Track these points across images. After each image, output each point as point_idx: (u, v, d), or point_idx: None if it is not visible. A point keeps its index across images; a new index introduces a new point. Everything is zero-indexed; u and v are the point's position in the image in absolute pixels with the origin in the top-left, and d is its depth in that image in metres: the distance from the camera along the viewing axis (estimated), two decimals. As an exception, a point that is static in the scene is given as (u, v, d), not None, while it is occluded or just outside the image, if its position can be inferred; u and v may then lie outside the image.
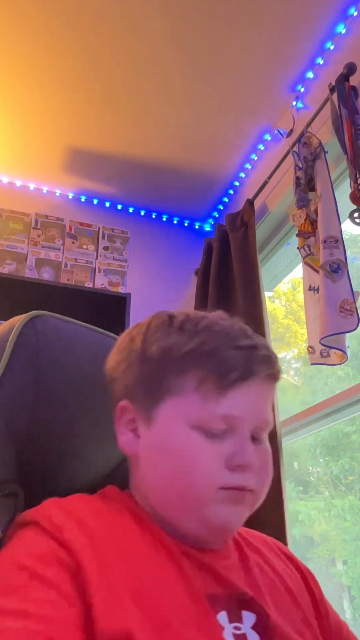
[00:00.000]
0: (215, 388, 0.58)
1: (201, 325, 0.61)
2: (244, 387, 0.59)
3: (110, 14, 1.70)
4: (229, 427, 0.58)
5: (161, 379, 0.60)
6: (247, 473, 0.58)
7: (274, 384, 0.63)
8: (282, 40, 1.78)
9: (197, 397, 0.58)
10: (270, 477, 0.62)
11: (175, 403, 0.59)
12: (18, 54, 1.84)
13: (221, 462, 0.57)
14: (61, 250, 2.23)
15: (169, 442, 0.59)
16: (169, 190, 2.48)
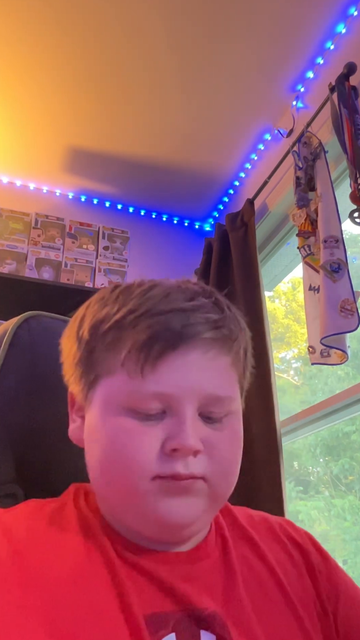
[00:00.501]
0: (141, 362, 0.49)
1: (137, 292, 0.53)
2: (177, 357, 0.49)
3: (110, 15, 1.70)
4: (166, 407, 0.49)
5: (93, 358, 0.53)
6: (187, 458, 0.49)
7: (223, 349, 0.52)
8: (282, 40, 1.78)
9: (124, 374, 0.50)
10: (234, 463, 0.53)
11: (106, 384, 0.52)
12: (18, 54, 1.84)
13: (156, 447, 0.49)
14: (61, 250, 2.23)
15: (97, 428, 0.52)
16: (169, 190, 2.48)
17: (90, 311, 0.55)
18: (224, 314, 0.53)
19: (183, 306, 0.51)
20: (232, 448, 0.53)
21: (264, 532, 0.61)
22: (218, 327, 0.52)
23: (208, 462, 0.50)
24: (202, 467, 0.50)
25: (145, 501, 0.49)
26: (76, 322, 0.57)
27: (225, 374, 0.53)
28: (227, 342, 0.53)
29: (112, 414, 0.51)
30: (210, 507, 0.52)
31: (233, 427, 0.53)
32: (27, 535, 0.50)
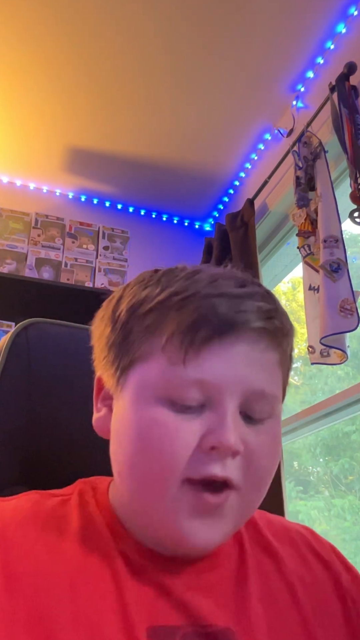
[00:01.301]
0: (184, 346, 0.44)
1: (182, 275, 0.48)
2: (224, 345, 0.45)
3: (109, 15, 1.70)
4: (206, 399, 0.45)
5: (129, 341, 0.48)
6: (225, 460, 0.44)
7: (273, 343, 0.47)
8: (282, 40, 1.78)
9: (164, 359, 0.45)
10: (270, 474, 0.48)
11: (142, 369, 0.47)
12: (18, 55, 1.84)
13: (192, 443, 0.44)
14: (61, 249, 2.23)
15: (128, 418, 0.47)
16: (169, 189, 2.48)
17: (128, 292, 0.50)
18: (275, 305, 0.48)
19: (233, 292, 0.46)
20: (272, 455, 0.48)
21: (284, 540, 0.56)
22: (270, 317, 0.47)
23: (244, 469, 0.45)
24: (239, 473, 0.45)
25: (171, 515, 0.44)
26: (112, 303, 0.52)
27: (273, 370, 0.48)
28: (277, 335, 0.48)
29: (147, 403, 0.46)
30: (236, 527, 0.48)
31: (275, 433, 0.48)
32: (22, 535, 0.46)
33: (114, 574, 0.45)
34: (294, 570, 0.52)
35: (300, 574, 0.52)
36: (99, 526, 0.49)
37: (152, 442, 0.45)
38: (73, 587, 0.43)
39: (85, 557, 0.46)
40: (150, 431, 0.45)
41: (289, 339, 0.50)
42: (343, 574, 0.55)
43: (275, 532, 0.56)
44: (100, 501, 0.51)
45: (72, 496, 0.52)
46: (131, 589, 0.44)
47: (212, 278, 0.47)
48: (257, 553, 0.53)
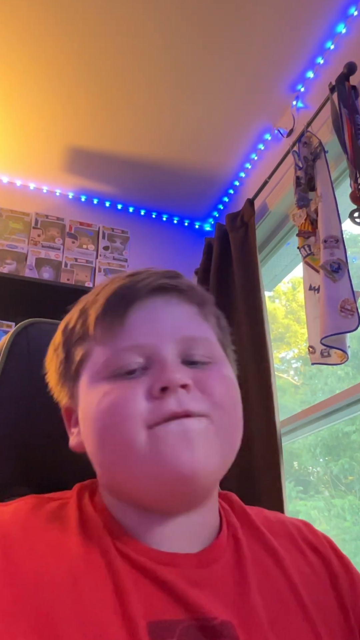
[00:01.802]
0: (107, 324, 0.51)
1: (91, 290, 0.56)
2: (141, 308, 0.51)
3: (110, 15, 1.70)
4: (146, 360, 0.49)
5: (70, 355, 0.54)
6: (179, 395, 0.46)
7: (184, 297, 0.53)
8: (282, 40, 1.78)
9: (99, 347, 0.51)
10: (232, 401, 0.51)
11: (86, 368, 0.52)
12: (18, 55, 1.84)
13: (144, 396, 0.47)
14: (61, 249, 2.23)
15: (87, 406, 0.51)
16: (169, 190, 2.48)
17: (60, 325, 0.58)
18: (173, 270, 0.55)
19: (134, 272, 0.54)
20: (226, 386, 0.51)
21: (281, 534, 0.57)
22: (171, 277, 0.53)
23: (204, 399, 0.48)
24: (198, 403, 0.47)
25: (148, 452, 0.45)
26: (52, 342, 0.59)
27: (195, 318, 0.54)
28: (184, 289, 0.54)
29: (95, 387, 0.50)
30: (221, 455, 0.48)
31: (222, 372, 0.52)
32: (24, 535, 0.47)
33: (114, 570, 0.46)
34: (292, 563, 0.53)
35: (297, 566, 0.53)
36: (97, 525, 0.49)
37: (108, 408, 0.47)
38: (75, 584, 0.44)
39: (85, 554, 0.47)
40: (103, 405, 0.48)
41: (199, 295, 0.55)
42: (334, 560, 0.56)
43: (271, 526, 0.57)
44: (96, 502, 0.52)
45: (71, 499, 0.53)
46: (131, 585, 0.45)
47: (119, 274, 0.55)
48: (255, 546, 0.53)
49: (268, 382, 1.76)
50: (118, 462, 0.48)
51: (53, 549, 0.47)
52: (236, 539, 0.53)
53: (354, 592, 0.54)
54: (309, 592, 0.51)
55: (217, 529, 0.53)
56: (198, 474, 0.46)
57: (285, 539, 0.56)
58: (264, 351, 1.80)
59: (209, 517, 0.53)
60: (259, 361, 1.80)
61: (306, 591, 0.51)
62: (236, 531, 0.54)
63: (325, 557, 0.56)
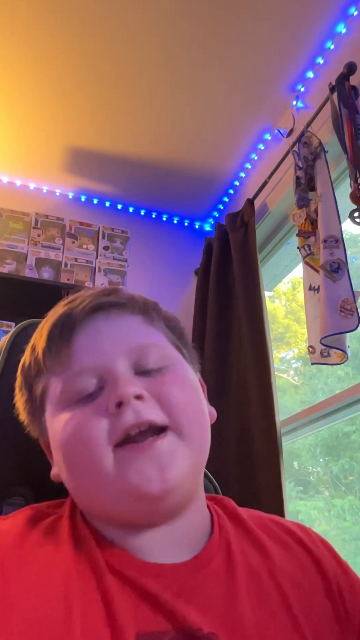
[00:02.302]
0: (54, 355, 0.52)
1: (45, 318, 0.57)
2: (83, 332, 0.52)
3: (109, 15, 1.70)
4: (99, 380, 0.50)
5: (32, 391, 0.55)
6: (134, 406, 0.46)
7: (123, 310, 0.54)
8: (282, 40, 1.78)
9: (53, 377, 0.52)
10: (192, 405, 0.51)
11: (48, 400, 0.53)
12: (18, 55, 1.84)
13: (101, 416, 0.47)
14: (61, 249, 2.23)
15: (53, 436, 0.51)
16: (169, 190, 2.48)
17: (19, 367, 0.59)
18: (112, 287, 0.56)
19: (71, 298, 0.55)
20: (184, 390, 0.51)
21: (275, 537, 0.56)
22: (107, 294, 0.54)
23: (162, 408, 0.48)
24: (156, 412, 0.47)
25: (116, 475, 0.45)
26: (16, 386, 0.59)
27: (140, 327, 0.54)
28: (123, 303, 0.54)
29: (57, 415, 0.51)
30: (191, 460, 0.48)
31: (178, 373, 0.52)
32: (19, 552, 0.47)
33: (103, 583, 0.46)
34: (284, 568, 0.52)
35: (290, 572, 0.52)
36: (86, 539, 0.50)
37: (72, 437, 0.48)
38: (66, 598, 0.44)
39: (76, 568, 0.47)
40: (66, 431, 0.49)
41: (140, 303, 0.55)
42: (334, 569, 0.55)
43: (265, 528, 0.57)
44: (87, 518, 0.53)
45: (65, 513, 0.53)
46: (119, 597, 0.45)
47: (59, 303, 0.56)
48: (246, 550, 0.53)
49: (268, 382, 1.76)
50: (87, 485, 0.48)
51: (47, 563, 0.47)
52: (228, 543, 0.53)
53: (353, 596, 0.53)
54: (299, 601, 0.50)
55: (209, 533, 0.53)
56: (168, 491, 0.46)
57: (278, 543, 0.55)
58: (264, 351, 1.80)
59: (195, 520, 0.52)
60: (259, 361, 1.80)
61: (297, 600, 0.50)
62: (228, 535, 0.54)
63: (320, 561, 0.55)
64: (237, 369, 1.94)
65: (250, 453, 1.74)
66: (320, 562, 0.55)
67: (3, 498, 0.69)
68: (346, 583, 0.54)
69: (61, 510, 0.54)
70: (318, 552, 0.56)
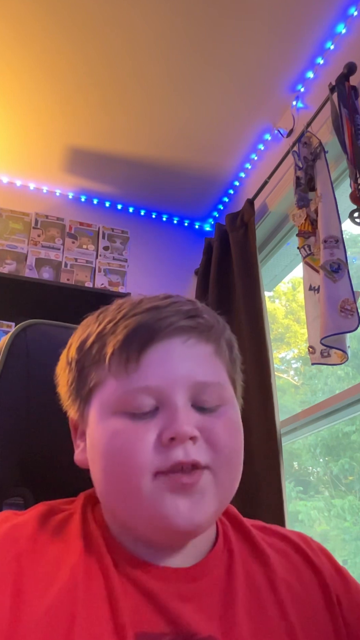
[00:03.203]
0: (123, 361, 0.51)
1: (113, 307, 0.56)
2: (157, 350, 0.51)
3: (109, 15, 1.70)
4: (157, 402, 0.50)
5: (83, 376, 0.54)
6: (186, 446, 0.47)
7: (201, 337, 0.53)
8: (282, 40, 1.78)
9: (112, 379, 0.51)
10: (235, 451, 0.51)
11: (99, 394, 0.52)
12: (18, 56, 1.84)
13: (152, 441, 0.48)
14: (61, 250, 2.23)
15: (96, 438, 0.52)
16: (169, 190, 2.48)
17: (75, 336, 0.57)
18: (195, 306, 0.55)
19: (155, 304, 0.53)
20: (231, 435, 0.52)
21: (277, 547, 0.58)
22: (191, 316, 0.53)
23: (208, 450, 0.49)
24: (203, 454, 0.48)
25: (150, 501, 0.47)
26: (65, 352, 0.58)
27: (210, 361, 0.53)
28: (204, 330, 0.53)
29: (107, 419, 0.51)
30: (219, 506, 0.50)
31: (229, 416, 0.52)
32: (33, 547, 0.50)
33: (108, 581, 0.48)
34: (285, 580, 0.54)
35: (290, 584, 0.54)
36: (96, 540, 0.51)
37: (117, 449, 0.49)
38: (73, 593, 0.46)
39: (84, 565, 0.49)
40: (113, 441, 0.49)
41: (217, 330, 0.55)
42: (333, 578, 0.56)
43: (268, 539, 0.58)
44: (97, 517, 0.54)
45: (76, 512, 0.55)
46: (122, 597, 0.47)
47: (138, 300, 0.55)
48: (247, 560, 0.55)
49: (268, 382, 1.76)
50: (120, 501, 0.50)
51: (57, 560, 0.49)
52: (230, 552, 0.54)
53: (349, 598, 0.55)
54: (297, 610, 0.52)
55: (213, 540, 0.55)
56: (194, 526, 0.48)
57: (279, 553, 0.57)
58: (264, 351, 1.80)
59: (204, 538, 0.54)
60: (258, 361, 1.80)
61: (294, 609, 0.52)
62: (231, 544, 0.55)
63: (322, 573, 0.56)
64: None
65: (250, 453, 1.74)
66: (321, 572, 0.56)
67: (2, 498, 0.69)
68: (343, 590, 0.56)
69: (73, 506, 0.56)
70: (319, 562, 0.57)
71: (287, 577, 0.54)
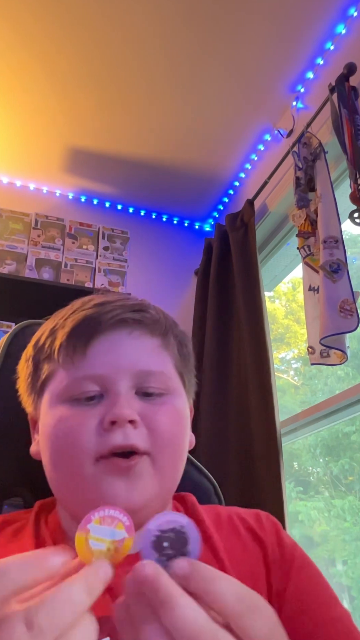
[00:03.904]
0: (70, 352, 0.54)
1: (71, 304, 0.59)
2: (102, 340, 0.54)
3: (109, 15, 1.70)
4: (102, 389, 0.53)
5: (38, 369, 0.58)
6: (125, 429, 0.50)
7: (146, 330, 0.56)
8: (282, 40, 1.78)
9: (62, 370, 0.54)
10: (176, 437, 0.54)
11: (49, 386, 0.56)
12: (18, 55, 1.84)
13: (95, 425, 0.51)
14: (61, 250, 2.23)
15: (45, 427, 0.55)
16: (169, 190, 2.48)
17: (33, 337, 0.61)
18: (141, 302, 0.58)
19: (103, 300, 0.57)
20: (172, 422, 0.54)
21: (225, 525, 0.61)
22: (136, 310, 0.56)
23: (148, 435, 0.51)
24: (143, 439, 0.51)
25: (90, 484, 0.50)
26: (25, 351, 0.62)
27: (155, 352, 0.56)
28: (149, 323, 0.56)
29: (54, 407, 0.54)
30: (160, 489, 0.52)
31: (172, 404, 0.55)
32: None
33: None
34: (226, 547, 0.57)
35: (231, 550, 0.57)
36: (46, 539, 0.55)
37: (62, 434, 0.52)
38: None
39: None
40: (59, 426, 0.52)
41: (163, 324, 0.58)
42: (272, 542, 0.60)
43: (219, 522, 0.62)
44: (50, 521, 0.58)
45: (29, 521, 0.58)
46: None
47: (89, 298, 0.58)
48: None
49: (268, 382, 1.76)
50: (65, 485, 0.53)
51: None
52: None
53: (282, 565, 0.58)
54: (235, 570, 0.55)
55: None
56: (132, 506, 0.50)
57: (228, 529, 0.61)
58: (264, 351, 1.80)
59: None
60: (258, 361, 1.80)
61: (233, 569, 0.55)
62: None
63: (265, 544, 0.59)
64: (237, 370, 1.94)
65: (250, 453, 1.74)
66: (261, 539, 0.60)
67: (3, 499, 0.70)
68: (279, 556, 0.59)
69: (28, 516, 0.59)
70: (263, 535, 0.61)
71: (231, 546, 0.58)
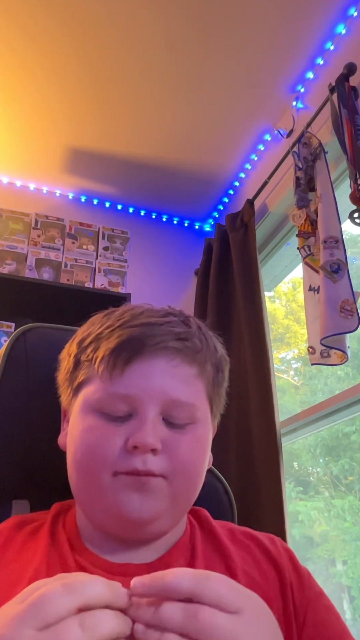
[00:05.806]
0: (110, 367, 0.55)
1: (117, 312, 0.61)
2: (142, 363, 0.55)
3: (110, 15, 1.70)
4: (131, 409, 0.54)
5: (78, 369, 0.59)
6: (146, 456, 0.52)
7: (187, 359, 0.57)
8: (282, 40, 1.78)
9: (99, 380, 0.56)
10: (195, 466, 0.56)
11: (86, 390, 0.58)
12: (18, 55, 1.84)
13: (119, 444, 0.53)
14: (61, 250, 2.23)
15: (73, 428, 0.57)
16: (169, 190, 2.48)
17: (80, 330, 0.63)
18: (189, 329, 0.59)
19: (151, 320, 0.57)
20: (193, 451, 0.56)
21: (241, 545, 0.62)
22: (181, 339, 0.57)
23: (167, 462, 0.53)
24: (161, 465, 0.53)
25: (108, 494, 0.53)
26: (71, 340, 0.63)
27: (190, 382, 0.58)
28: (190, 353, 0.58)
29: (86, 414, 0.56)
30: (172, 508, 0.54)
31: (196, 434, 0.57)
32: (4, 554, 0.55)
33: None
34: (243, 568, 0.58)
35: (248, 572, 0.58)
36: (61, 542, 0.57)
37: (88, 444, 0.54)
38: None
39: (47, 566, 0.54)
40: (86, 435, 0.55)
41: (205, 355, 0.59)
42: (289, 569, 0.60)
43: (232, 537, 0.63)
44: (67, 522, 0.60)
45: (46, 522, 0.60)
46: None
47: (139, 312, 0.59)
48: (210, 555, 0.59)
49: (268, 382, 1.76)
50: (84, 491, 0.56)
51: (25, 565, 0.54)
52: (193, 548, 0.59)
53: (301, 593, 0.58)
54: (250, 587, 0.53)
55: (179, 538, 0.59)
56: (143, 518, 0.53)
57: (244, 550, 0.61)
58: (264, 351, 1.80)
59: (169, 538, 0.58)
60: (258, 361, 1.80)
61: (248, 586, 0.53)
62: (195, 542, 0.60)
63: (281, 567, 0.60)
64: (237, 370, 1.94)
65: (250, 453, 1.74)
66: (278, 564, 0.60)
67: (10, 499, 0.70)
68: (297, 582, 0.59)
69: (45, 517, 0.61)
70: (279, 557, 0.61)
71: (247, 568, 0.59)
